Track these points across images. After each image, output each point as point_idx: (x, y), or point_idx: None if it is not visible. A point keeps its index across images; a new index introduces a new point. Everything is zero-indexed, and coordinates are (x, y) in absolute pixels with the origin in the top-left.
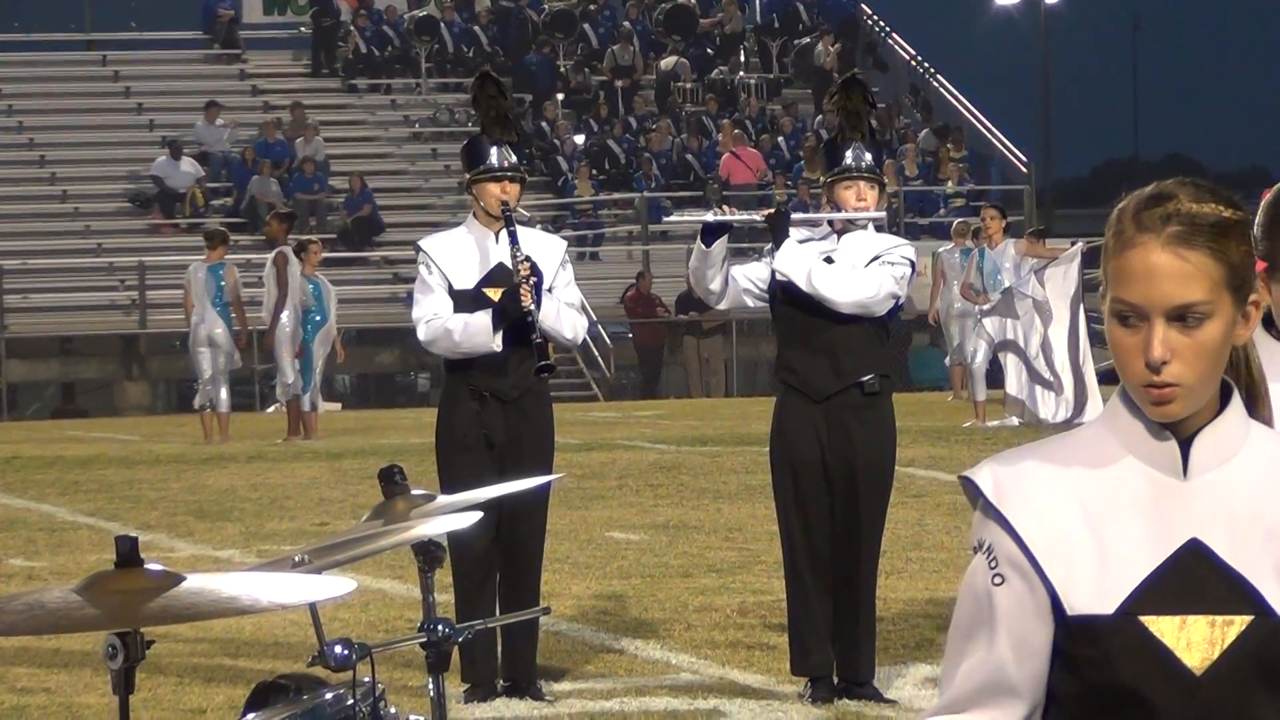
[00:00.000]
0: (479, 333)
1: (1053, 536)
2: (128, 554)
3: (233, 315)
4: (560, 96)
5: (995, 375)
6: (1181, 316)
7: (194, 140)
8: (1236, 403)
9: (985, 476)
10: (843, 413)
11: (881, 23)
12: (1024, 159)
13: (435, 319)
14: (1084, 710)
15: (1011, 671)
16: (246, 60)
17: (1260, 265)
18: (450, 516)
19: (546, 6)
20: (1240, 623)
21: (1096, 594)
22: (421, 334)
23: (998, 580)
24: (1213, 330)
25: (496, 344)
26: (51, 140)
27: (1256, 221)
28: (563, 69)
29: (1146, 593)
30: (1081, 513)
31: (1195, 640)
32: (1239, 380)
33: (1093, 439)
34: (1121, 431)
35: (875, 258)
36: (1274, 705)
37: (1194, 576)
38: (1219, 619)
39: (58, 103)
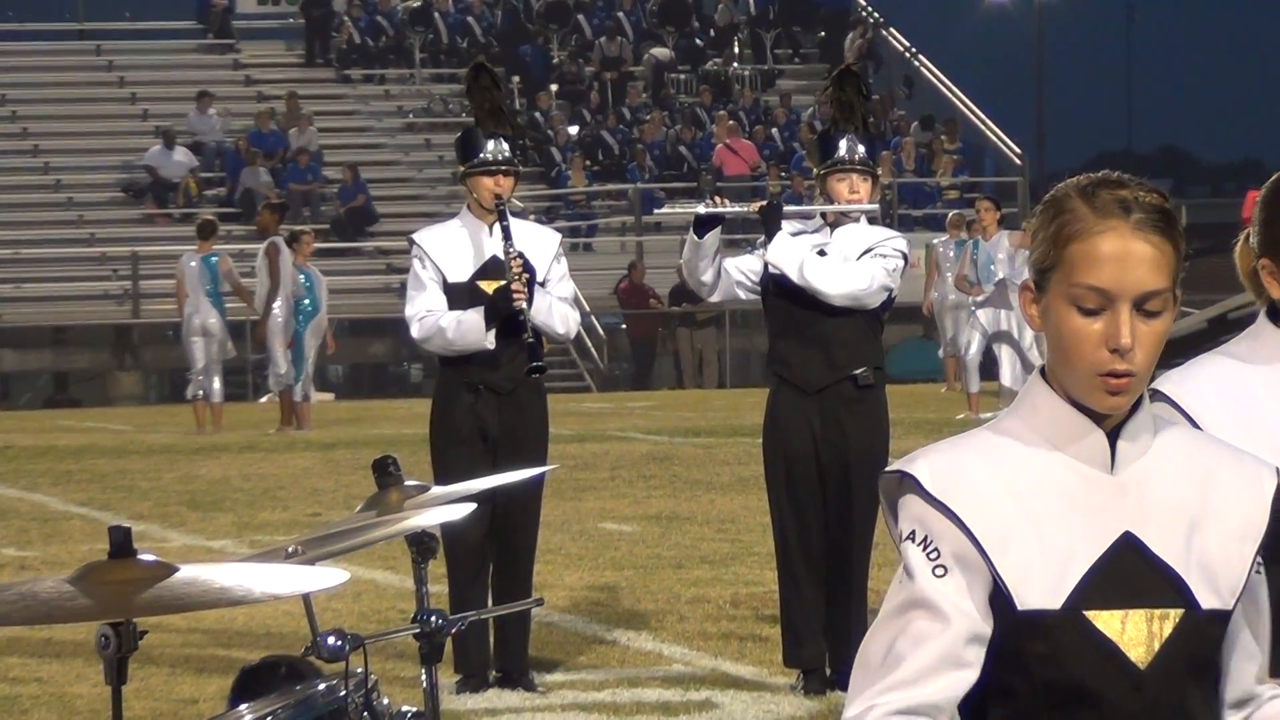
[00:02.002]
0: (471, 330)
1: (1000, 531)
2: (121, 544)
3: (235, 299)
4: (554, 87)
5: (989, 367)
6: (1142, 305)
7: (187, 130)
8: (1146, 397)
9: (921, 469)
10: (835, 405)
11: (876, 14)
12: (1018, 151)
13: (428, 316)
14: (1031, 707)
15: (962, 649)
16: (240, 50)
17: (1263, 260)
18: (444, 508)
19: None
20: (1174, 616)
21: (1044, 589)
22: (414, 331)
23: (940, 572)
24: (1166, 320)
25: (489, 341)
26: (45, 130)
27: (1256, 216)
28: (557, 60)
29: (1089, 587)
30: (1019, 507)
31: (1136, 635)
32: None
33: (1016, 434)
34: (1044, 427)
35: (867, 250)
36: (1206, 700)
37: (1131, 570)
38: (1155, 613)
39: (51, 92)
